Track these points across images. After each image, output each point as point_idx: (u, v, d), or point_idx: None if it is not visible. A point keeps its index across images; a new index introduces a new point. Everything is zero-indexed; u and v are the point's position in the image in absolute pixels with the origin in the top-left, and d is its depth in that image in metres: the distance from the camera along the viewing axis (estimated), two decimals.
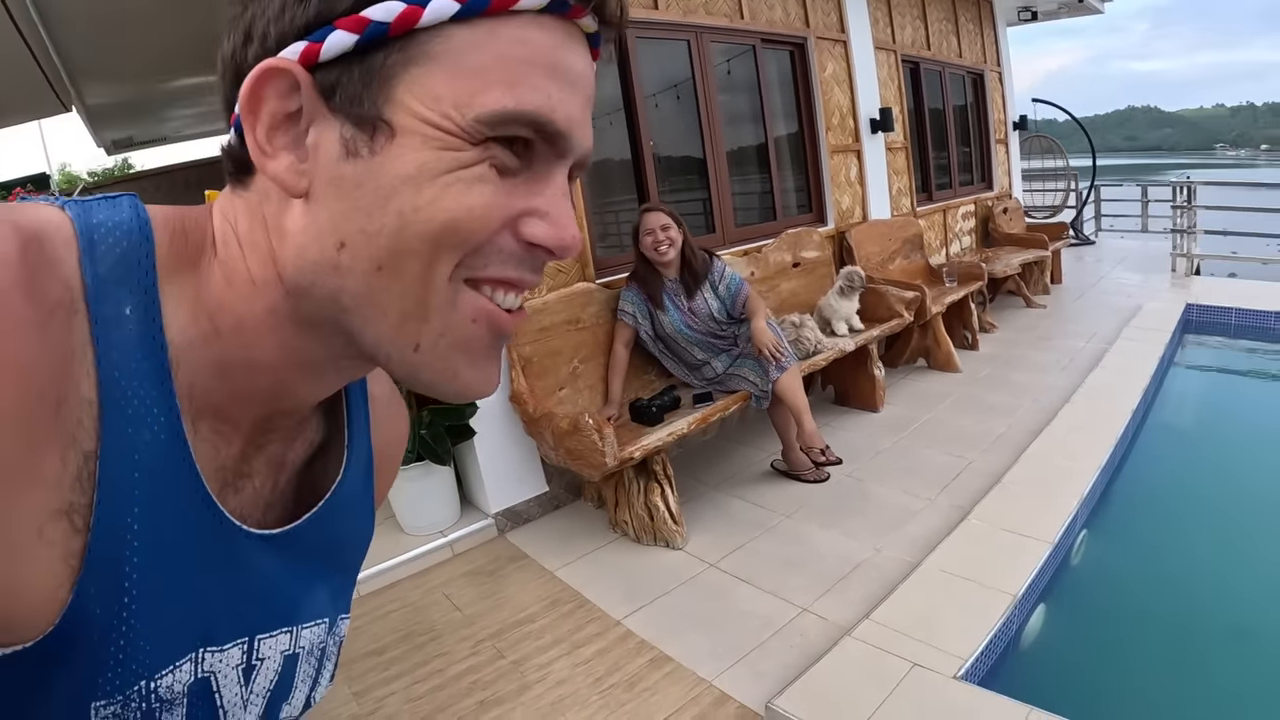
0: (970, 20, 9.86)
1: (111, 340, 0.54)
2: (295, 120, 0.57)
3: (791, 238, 6.22)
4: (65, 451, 0.51)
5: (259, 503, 0.71)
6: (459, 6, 0.54)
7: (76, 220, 0.55)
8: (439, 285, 0.57)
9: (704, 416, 4.24)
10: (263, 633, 0.70)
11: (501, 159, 0.56)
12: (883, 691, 2.68)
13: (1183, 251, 9.33)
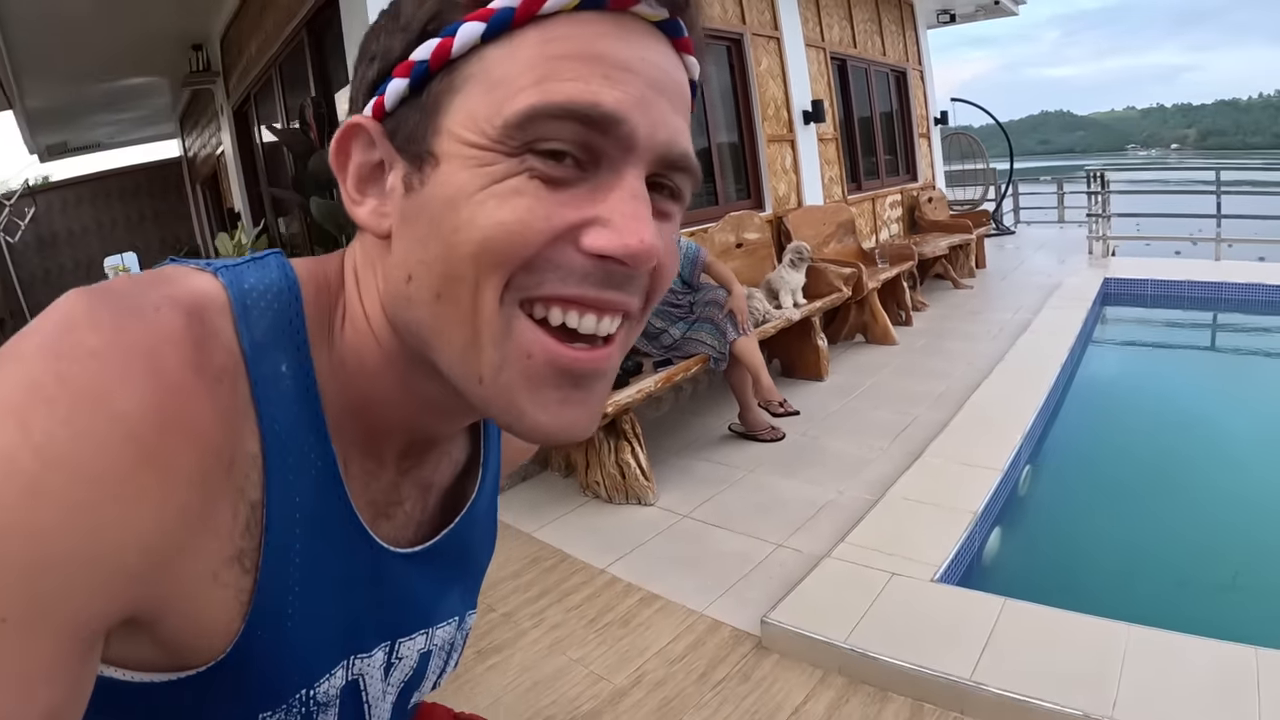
0: (893, 21, 10.31)
1: (270, 398, 0.58)
2: (381, 169, 0.60)
3: (734, 220, 6.50)
4: (236, 504, 0.56)
5: (409, 525, 0.75)
6: (484, 27, 0.54)
7: (230, 287, 0.58)
8: (488, 310, 0.56)
9: (669, 375, 4.43)
10: (403, 636, 0.76)
11: (542, 169, 0.54)
12: (868, 598, 2.89)
13: (1099, 235, 9.76)
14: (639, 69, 0.55)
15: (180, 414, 0.50)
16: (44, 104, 8.93)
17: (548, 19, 0.54)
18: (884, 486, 3.87)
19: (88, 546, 0.46)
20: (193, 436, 0.51)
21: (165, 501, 0.49)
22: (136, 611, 0.52)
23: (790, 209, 7.48)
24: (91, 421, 0.46)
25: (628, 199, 0.55)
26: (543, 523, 4.10)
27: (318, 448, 0.62)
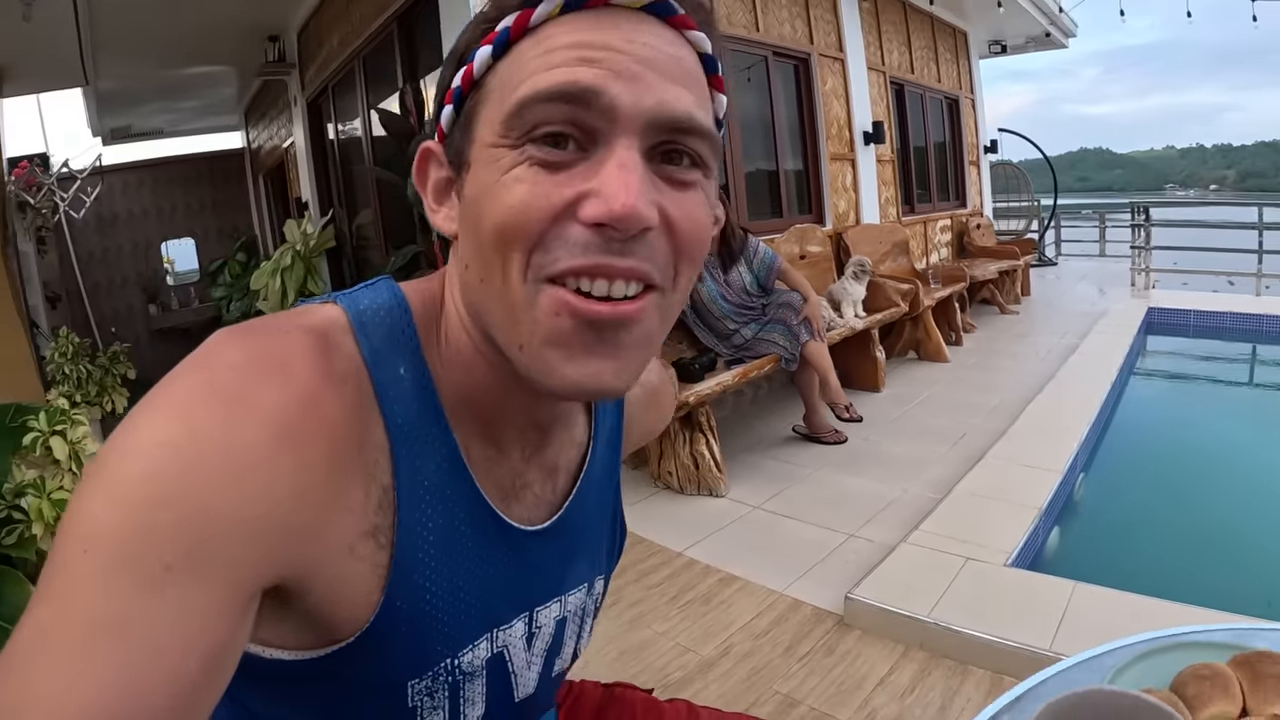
0: (948, 49, 10.50)
1: (391, 396, 0.67)
2: (452, 182, 0.70)
3: (799, 232, 6.70)
4: (368, 485, 0.65)
5: (540, 505, 0.83)
6: (491, 47, 0.64)
7: (348, 309, 0.68)
8: (516, 285, 0.62)
9: (744, 371, 4.61)
10: (539, 605, 0.83)
11: (540, 155, 0.60)
12: (945, 579, 3.04)
13: (1141, 267, 9.87)
14: (622, 48, 0.61)
15: (311, 407, 0.59)
16: (114, 86, 9.10)
17: (540, 28, 0.63)
18: (947, 486, 4.00)
19: (236, 510, 0.54)
20: (323, 425, 0.60)
21: (301, 476, 0.58)
22: (285, 578, 0.60)
23: (849, 226, 7.66)
24: (238, 413, 0.56)
25: (614, 168, 0.60)
26: None
27: (440, 436, 0.71)
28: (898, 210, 8.82)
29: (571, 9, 0.62)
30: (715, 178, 0.71)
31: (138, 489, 0.53)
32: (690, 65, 0.66)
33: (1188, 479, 4.53)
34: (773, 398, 6.04)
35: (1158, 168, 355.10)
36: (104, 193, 9.59)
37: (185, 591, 0.52)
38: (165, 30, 7.45)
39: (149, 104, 10.38)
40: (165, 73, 9.06)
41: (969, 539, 3.33)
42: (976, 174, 11.46)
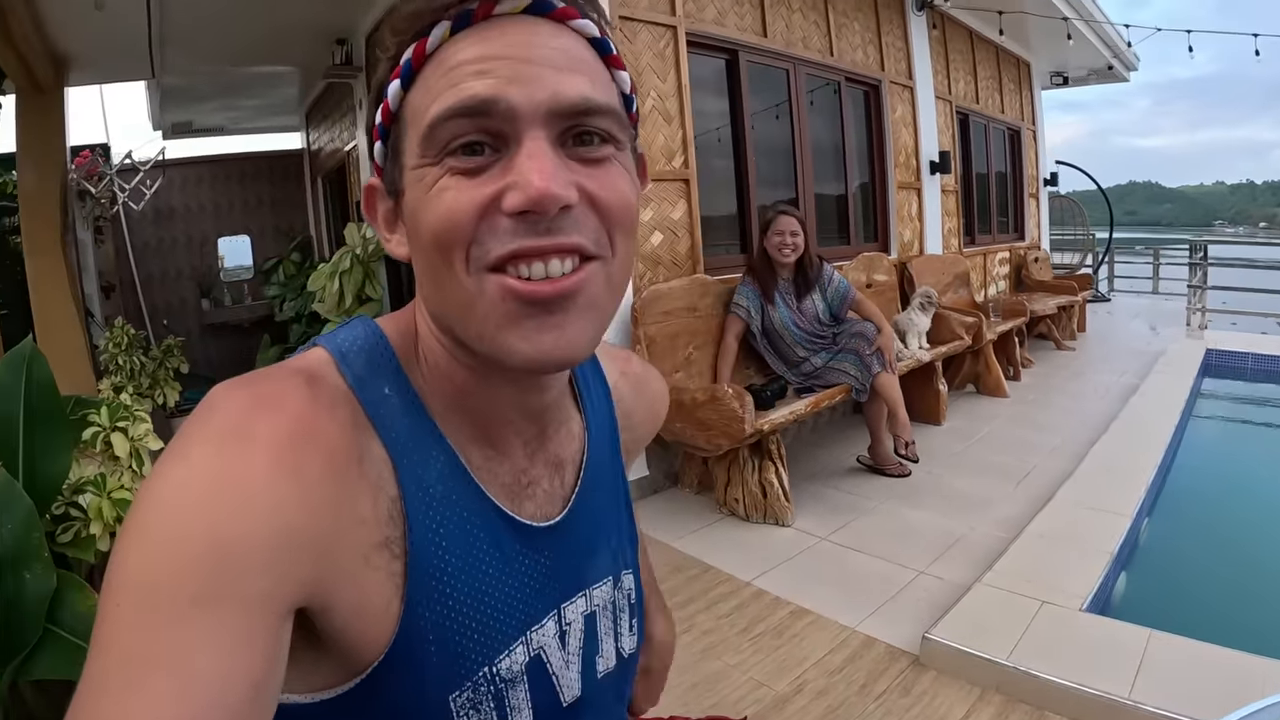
0: (1011, 80, 10.44)
1: (382, 414, 0.73)
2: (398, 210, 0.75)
3: (866, 260, 6.67)
4: (375, 497, 0.69)
5: (553, 500, 0.86)
6: (399, 80, 0.70)
7: (329, 348, 0.75)
8: (463, 280, 0.67)
9: (816, 401, 4.57)
10: (565, 601, 0.86)
11: (458, 165, 0.66)
12: (1022, 622, 2.99)
13: (1197, 306, 9.76)
14: (507, 54, 0.66)
15: (303, 431, 0.64)
16: (178, 81, 9.15)
17: (438, 52, 0.68)
18: (1015, 525, 3.96)
19: (248, 532, 0.58)
20: (317, 444, 0.65)
21: (305, 491, 0.62)
22: (308, 595, 0.63)
23: (913, 255, 7.61)
24: (236, 447, 0.61)
25: (524, 159, 0.65)
26: (681, 534, 4.22)
27: (436, 445, 0.76)
28: (959, 241, 8.77)
29: (460, 28, 0.68)
30: (631, 149, 0.76)
31: (153, 531, 0.58)
32: (579, 52, 0.71)
33: (1250, 525, 4.48)
34: (833, 426, 6.02)
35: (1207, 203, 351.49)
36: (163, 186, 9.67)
37: (215, 618, 0.56)
38: (234, 29, 7.49)
39: (211, 101, 10.45)
40: (230, 70, 9.13)
41: (1043, 582, 3.28)
42: (1035, 206, 11.37)
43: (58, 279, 6.99)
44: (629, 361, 1.08)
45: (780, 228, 4.88)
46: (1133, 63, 12.20)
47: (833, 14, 6.62)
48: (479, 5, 0.67)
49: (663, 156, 5.05)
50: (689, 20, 5.23)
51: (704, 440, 4.23)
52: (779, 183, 6.29)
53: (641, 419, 1.09)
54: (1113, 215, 13.53)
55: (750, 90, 5.81)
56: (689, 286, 4.93)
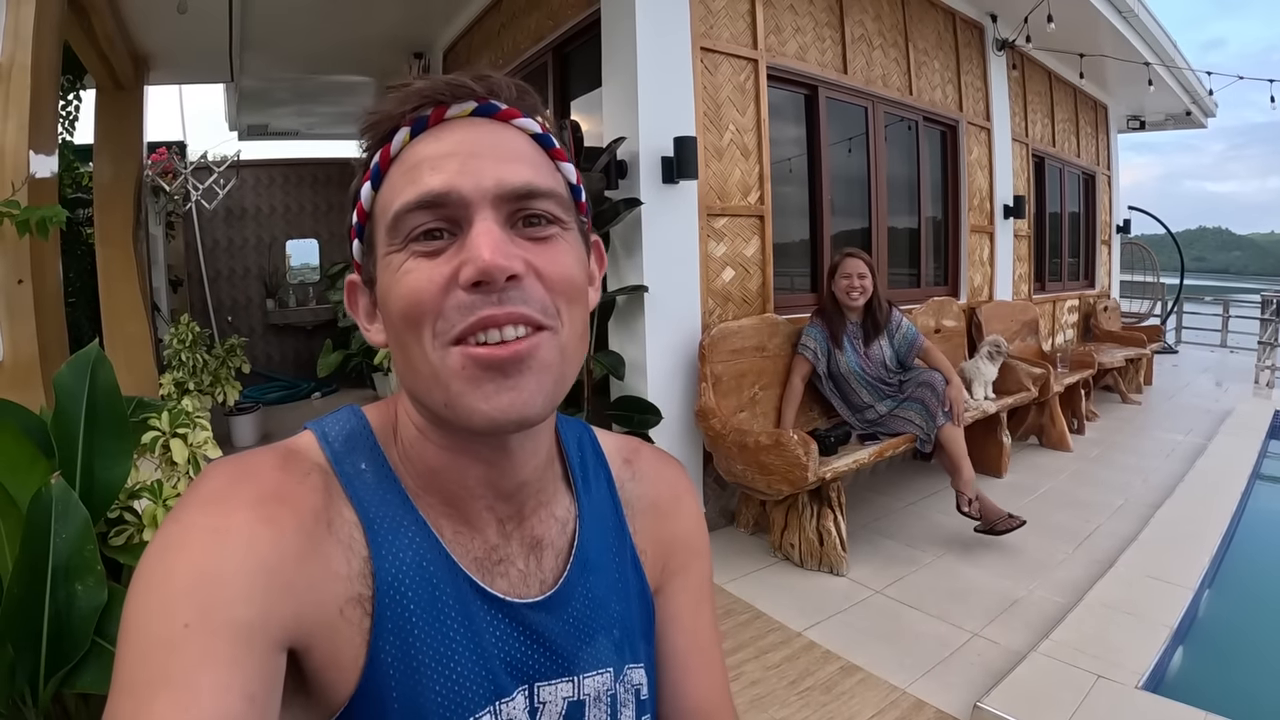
0: (1088, 123, 10.28)
1: (356, 485, 0.80)
2: (376, 303, 0.82)
3: (935, 305, 6.59)
4: (348, 556, 0.76)
5: (530, 580, 0.88)
6: (369, 182, 0.80)
7: (314, 429, 0.84)
8: (431, 355, 0.74)
9: (881, 450, 4.51)
10: (540, 680, 0.85)
11: (419, 248, 0.74)
12: (1076, 696, 2.91)
13: (1267, 364, 9.53)
14: (457, 150, 0.75)
15: (276, 493, 0.73)
16: (256, 85, 9.40)
17: (401, 154, 0.78)
18: (1074, 589, 3.88)
19: (232, 569, 0.66)
20: (288, 504, 0.73)
21: (278, 539, 0.70)
22: (292, 635, 0.70)
23: (982, 301, 7.52)
24: (219, 506, 0.71)
25: (474, 237, 0.72)
26: (733, 576, 4.18)
27: (408, 516, 0.81)
28: (1029, 287, 8.62)
29: (418, 132, 0.78)
30: (579, 231, 0.85)
31: (148, 578, 0.66)
32: (521, 145, 0.80)
33: None
34: (893, 473, 5.93)
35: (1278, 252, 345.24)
36: (236, 186, 9.86)
37: (206, 641, 0.62)
38: (314, 38, 7.67)
39: (288, 106, 10.69)
40: (307, 77, 9.29)
41: (1100, 655, 3.19)
42: (1107, 253, 11.16)
43: (126, 271, 7.13)
44: (637, 451, 1.08)
45: (848, 270, 4.83)
46: (1211, 109, 11.98)
47: (913, 52, 6.57)
48: (432, 112, 0.77)
49: (738, 191, 5.02)
50: (770, 54, 5.21)
51: (764, 484, 4.18)
52: (853, 220, 6.24)
53: (661, 515, 1.05)
54: (1184, 265, 13.28)
55: (829, 126, 5.78)
56: (758, 325, 4.88)
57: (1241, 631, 4.07)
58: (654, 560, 1.02)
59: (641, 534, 1.01)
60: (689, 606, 1.05)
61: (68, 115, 7.65)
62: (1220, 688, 3.48)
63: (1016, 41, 7.52)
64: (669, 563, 1.04)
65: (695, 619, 1.06)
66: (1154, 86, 9.16)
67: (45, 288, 3.22)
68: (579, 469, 0.98)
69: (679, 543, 1.06)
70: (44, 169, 3.28)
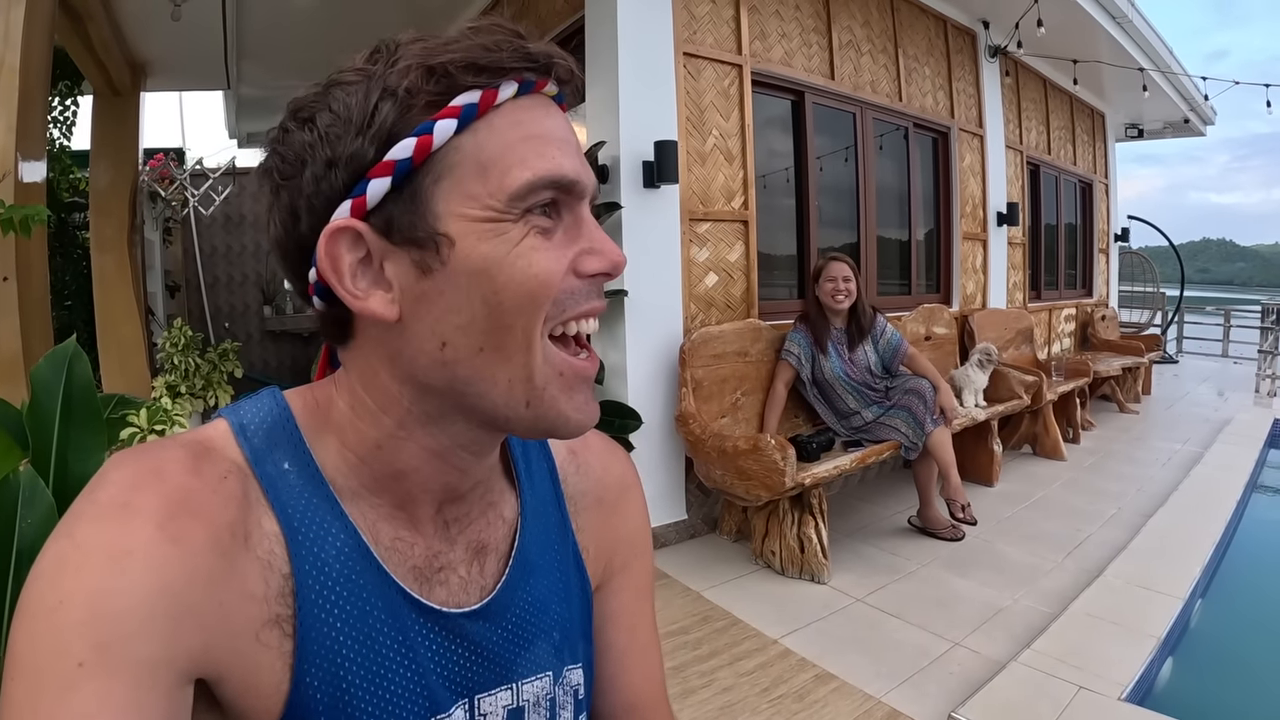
0: (1085, 131, 10.28)
1: (278, 489, 0.71)
2: (368, 263, 0.69)
3: (926, 312, 6.55)
4: (265, 574, 0.68)
5: (471, 588, 0.82)
6: (456, 122, 0.66)
7: (229, 418, 0.74)
8: (536, 346, 0.69)
9: (863, 456, 4.46)
10: (481, 692, 0.81)
11: (539, 223, 0.68)
12: (1056, 709, 2.84)
13: (1268, 373, 9.48)
14: (568, 137, 0.72)
15: (184, 503, 0.63)
16: (255, 93, 9.44)
17: (499, 108, 0.68)
18: (1060, 599, 3.82)
19: (130, 599, 0.58)
20: (198, 516, 0.64)
21: (186, 561, 0.61)
22: (200, 665, 0.63)
23: (975, 309, 7.48)
24: (118, 518, 0.61)
25: (596, 230, 0.73)
26: (712, 583, 4.13)
27: (336, 523, 0.73)
28: (1024, 296, 8.59)
29: (525, 92, 0.71)
30: None
31: (34, 604, 0.59)
32: None
33: None
34: (880, 481, 5.88)
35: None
36: (234, 193, 9.92)
37: (103, 684, 0.56)
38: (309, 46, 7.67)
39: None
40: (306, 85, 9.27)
41: (1083, 665, 3.12)
42: (1105, 262, 11.12)
43: (121, 276, 7.22)
44: (584, 440, 1.03)
45: (832, 274, 4.82)
46: (1209, 116, 11.98)
47: (903, 59, 6.56)
48: (539, 80, 0.71)
49: (722, 196, 5.00)
50: (755, 60, 5.20)
51: (743, 490, 4.14)
52: (841, 227, 6.22)
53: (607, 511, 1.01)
54: (1184, 275, 13.23)
55: (815, 132, 5.76)
56: (741, 330, 4.86)
57: (1234, 644, 4.00)
58: (596, 558, 0.98)
59: (585, 531, 0.97)
60: (630, 604, 1.03)
61: (65, 120, 7.73)
62: (1210, 702, 3.42)
63: (1009, 48, 7.50)
64: (612, 560, 1.01)
65: (636, 616, 1.03)
66: (1149, 93, 9.13)
67: (30, 286, 3.25)
68: (521, 461, 0.93)
69: (623, 541, 1.02)
70: (31, 174, 3.29)
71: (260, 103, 9.93)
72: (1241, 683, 3.64)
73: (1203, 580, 4.12)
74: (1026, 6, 6.52)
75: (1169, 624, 3.51)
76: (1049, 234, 9.44)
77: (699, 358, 4.53)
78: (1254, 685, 3.60)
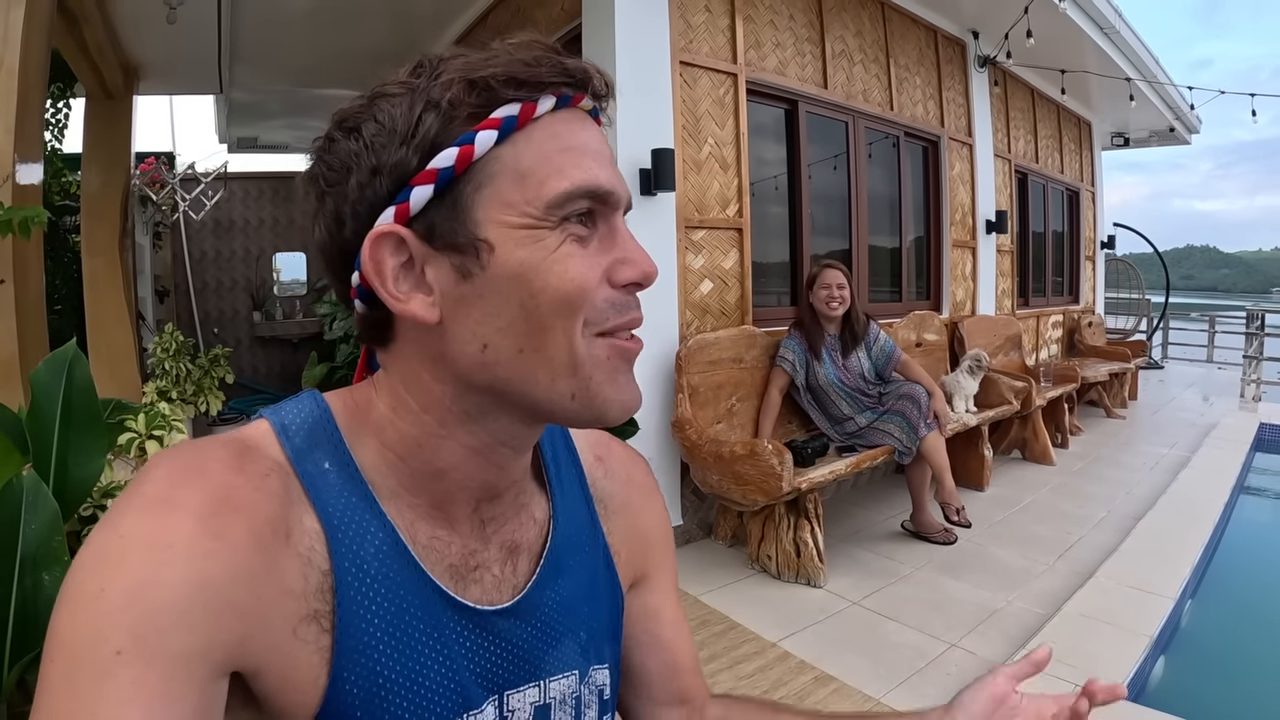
0: (1072, 139, 10.38)
1: (318, 487, 0.72)
2: (410, 267, 0.72)
3: (917, 319, 6.62)
4: (305, 570, 0.69)
5: (503, 587, 0.84)
6: (497, 134, 0.69)
7: (271, 419, 0.76)
8: (579, 343, 0.71)
9: (857, 461, 4.52)
10: (510, 689, 0.82)
11: (576, 231, 0.71)
12: None
13: (1252, 377, 9.58)
14: (602, 149, 0.75)
15: (226, 499, 0.65)
16: (246, 97, 9.43)
17: (537, 120, 0.71)
18: (1053, 600, 3.88)
19: (171, 591, 0.59)
20: (240, 512, 0.65)
21: (227, 556, 0.63)
22: (236, 658, 0.64)
23: (964, 315, 7.55)
24: (160, 512, 0.63)
25: (630, 240, 0.75)
26: (709, 588, 4.16)
27: (375, 522, 0.75)
28: (1013, 302, 8.67)
29: (563, 105, 0.73)
30: None
31: (79, 592, 0.60)
32: None
33: None
34: (874, 486, 5.94)
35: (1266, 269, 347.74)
36: (224, 198, 9.90)
37: (139, 673, 0.57)
38: (303, 51, 7.72)
39: (278, 119, 10.74)
40: (297, 90, 9.33)
41: (1078, 664, 3.15)
42: (1091, 269, 11.25)
43: (112, 280, 7.19)
44: (608, 447, 1.06)
45: (826, 281, 4.87)
46: (1194, 125, 12.13)
47: (894, 68, 6.62)
48: (575, 95, 0.74)
49: (717, 204, 5.04)
50: (750, 69, 5.24)
51: (740, 494, 4.18)
52: (834, 235, 6.26)
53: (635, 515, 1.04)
54: (1170, 282, 13.34)
55: (809, 141, 5.81)
56: (736, 337, 4.90)
57: (1223, 640, 4.09)
58: (628, 560, 1.01)
59: (615, 534, 0.99)
60: (669, 601, 1.07)
61: (58, 123, 7.67)
62: (1202, 697, 3.49)
63: (998, 58, 7.57)
64: (645, 562, 1.04)
65: (670, 609, 1.08)
66: (1135, 102, 9.22)
67: (27, 289, 3.24)
68: (552, 465, 0.95)
69: (652, 542, 1.06)
70: (28, 176, 3.28)
71: (251, 107, 9.95)
72: (1231, 679, 3.73)
73: (1192, 581, 4.20)
74: (1016, 17, 6.58)
75: (1161, 623, 3.57)
76: (1037, 241, 9.53)
77: (695, 364, 4.56)
78: (1243, 681, 3.71)
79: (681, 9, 4.82)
